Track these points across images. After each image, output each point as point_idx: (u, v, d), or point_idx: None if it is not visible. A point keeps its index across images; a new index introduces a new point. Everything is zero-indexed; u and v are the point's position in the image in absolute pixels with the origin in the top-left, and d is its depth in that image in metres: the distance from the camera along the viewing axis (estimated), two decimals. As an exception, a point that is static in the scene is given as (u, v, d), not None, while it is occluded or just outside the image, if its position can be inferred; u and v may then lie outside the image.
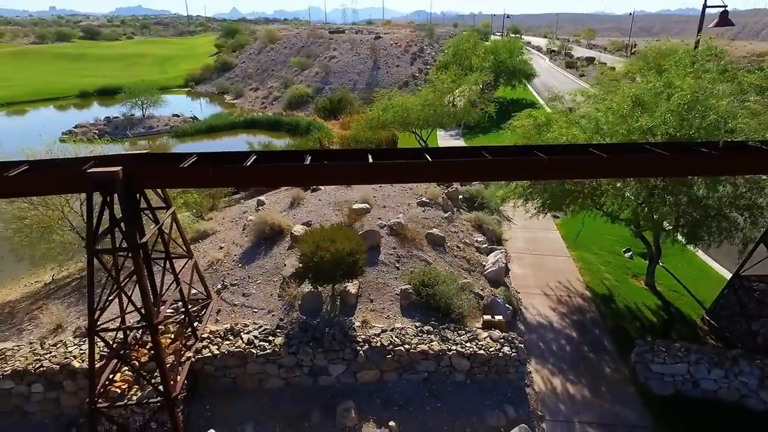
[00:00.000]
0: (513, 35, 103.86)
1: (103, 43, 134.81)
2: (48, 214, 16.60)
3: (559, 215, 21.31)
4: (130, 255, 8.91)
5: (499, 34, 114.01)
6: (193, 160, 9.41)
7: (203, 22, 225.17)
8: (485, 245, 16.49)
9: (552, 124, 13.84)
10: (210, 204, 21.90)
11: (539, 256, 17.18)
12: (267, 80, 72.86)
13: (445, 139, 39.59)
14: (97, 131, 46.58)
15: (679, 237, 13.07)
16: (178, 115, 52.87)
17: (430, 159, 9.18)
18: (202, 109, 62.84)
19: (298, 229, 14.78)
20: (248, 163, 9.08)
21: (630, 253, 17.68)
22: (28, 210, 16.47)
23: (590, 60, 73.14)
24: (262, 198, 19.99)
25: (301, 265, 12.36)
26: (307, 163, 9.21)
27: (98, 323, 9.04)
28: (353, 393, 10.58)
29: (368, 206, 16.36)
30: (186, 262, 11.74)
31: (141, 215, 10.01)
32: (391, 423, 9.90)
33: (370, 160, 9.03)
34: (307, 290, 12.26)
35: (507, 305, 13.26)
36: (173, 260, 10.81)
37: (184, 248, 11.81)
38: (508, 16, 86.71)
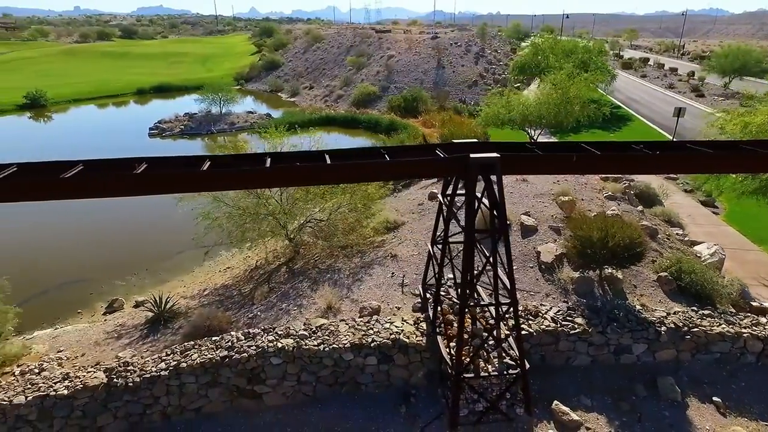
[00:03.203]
0: (547, 35, 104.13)
1: (141, 42, 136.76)
2: (260, 203, 17.50)
3: (718, 211, 21.86)
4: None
5: (534, 34, 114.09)
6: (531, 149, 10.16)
7: (230, 21, 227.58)
8: (686, 238, 17.04)
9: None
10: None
11: (730, 249, 17.65)
12: (320, 79, 73.67)
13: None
14: (182, 127, 47.79)
15: None
16: (252, 112, 53.89)
17: (598, 152, 9.75)
18: (265, 108, 63.47)
19: (525, 219, 15.47)
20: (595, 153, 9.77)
21: (814, 247, 18.11)
22: (245, 199, 17.36)
23: (645, 61, 73.13)
24: (434, 190, 20.69)
25: (566, 250, 13.03)
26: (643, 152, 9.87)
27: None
28: (655, 371, 11.21)
29: (571, 198, 16.99)
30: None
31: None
32: (716, 399, 10.51)
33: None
34: (576, 275, 12.91)
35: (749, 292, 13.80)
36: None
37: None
38: (567, 16, 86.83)
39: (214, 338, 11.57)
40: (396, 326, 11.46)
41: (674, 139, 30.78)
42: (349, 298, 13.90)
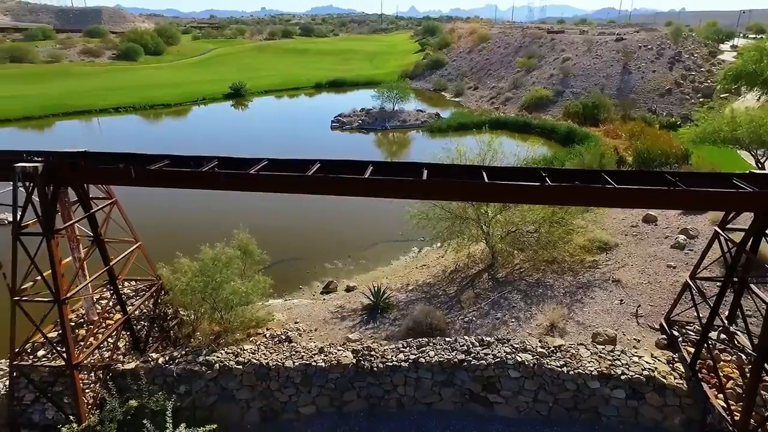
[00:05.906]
0: (756, 36, 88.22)
1: (317, 39, 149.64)
2: (467, 207, 17.71)
3: None
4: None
5: (742, 35, 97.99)
6: None
7: (393, 20, 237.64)
8: None
9: None
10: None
11: None
12: (485, 79, 72.66)
13: (749, 158, 34.31)
14: (360, 121, 51.07)
15: None
16: (422, 111, 55.18)
17: None
18: (431, 106, 64.54)
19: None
20: None
21: None
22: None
23: None
24: (651, 212, 18.87)
25: None
26: None
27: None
28: None
29: None
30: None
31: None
32: None
33: None
34: None
35: None
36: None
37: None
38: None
39: (447, 339, 11.93)
40: (646, 362, 10.57)
41: None
42: (573, 319, 13.29)
